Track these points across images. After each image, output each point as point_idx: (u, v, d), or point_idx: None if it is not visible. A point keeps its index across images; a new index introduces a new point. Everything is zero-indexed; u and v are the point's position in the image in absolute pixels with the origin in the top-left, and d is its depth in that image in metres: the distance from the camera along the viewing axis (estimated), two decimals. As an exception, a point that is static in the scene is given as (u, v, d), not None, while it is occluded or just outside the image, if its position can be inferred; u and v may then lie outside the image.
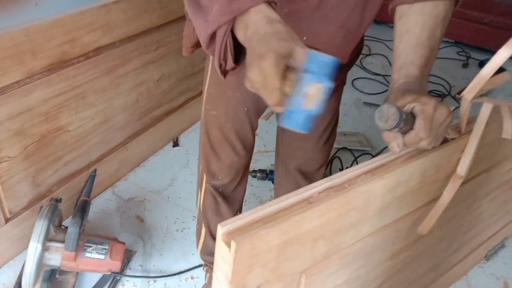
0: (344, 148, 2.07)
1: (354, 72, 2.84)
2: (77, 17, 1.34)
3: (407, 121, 0.67)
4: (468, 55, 3.19)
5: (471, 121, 0.85)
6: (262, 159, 1.98)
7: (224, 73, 0.81)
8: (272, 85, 0.58)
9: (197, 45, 1.03)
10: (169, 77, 1.80)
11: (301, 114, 0.57)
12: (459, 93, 2.76)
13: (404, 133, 0.69)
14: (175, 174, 1.82)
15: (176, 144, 1.98)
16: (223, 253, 0.56)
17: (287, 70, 0.60)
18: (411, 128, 0.69)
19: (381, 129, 0.68)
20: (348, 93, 2.61)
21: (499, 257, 1.59)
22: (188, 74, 1.90)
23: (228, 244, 0.55)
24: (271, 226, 0.57)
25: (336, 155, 2.02)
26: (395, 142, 0.70)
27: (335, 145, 2.08)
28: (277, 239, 0.60)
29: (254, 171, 1.86)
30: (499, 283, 1.50)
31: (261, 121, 1.21)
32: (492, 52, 2.66)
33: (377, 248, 0.84)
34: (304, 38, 0.90)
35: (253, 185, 1.84)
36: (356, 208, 0.70)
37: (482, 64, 3.06)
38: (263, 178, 1.85)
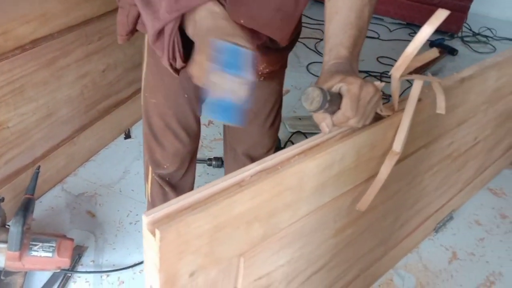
0: (298, 132, 2.09)
1: (308, 57, 2.86)
2: (9, 8, 1.28)
3: (334, 101, 0.68)
4: (419, 35, 3.27)
5: (405, 98, 0.87)
6: (217, 147, 1.97)
7: (176, 71, 0.79)
8: (203, 75, 0.59)
9: (132, 32, 1.01)
10: (115, 68, 1.75)
11: (225, 106, 0.57)
12: (410, 73, 2.84)
13: (332, 113, 0.70)
14: (127, 167, 1.79)
15: (128, 136, 1.94)
16: (149, 242, 0.56)
17: None
18: (339, 108, 0.69)
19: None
20: (303, 78, 2.63)
21: (448, 229, 1.66)
22: (136, 64, 1.85)
23: (153, 233, 0.54)
24: (199, 212, 0.57)
25: (290, 139, 2.04)
26: (324, 122, 0.71)
27: (290, 129, 2.10)
28: (207, 224, 0.59)
29: (209, 159, 1.85)
30: (448, 253, 1.57)
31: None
32: (443, 32, 2.80)
33: (318, 226, 0.85)
34: (242, 21, 0.89)
35: (209, 173, 1.83)
36: (290, 189, 0.70)
37: (432, 44, 3.14)
38: (218, 166, 1.84)
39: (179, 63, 0.75)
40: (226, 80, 0.57)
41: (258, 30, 0.91)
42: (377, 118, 0.82)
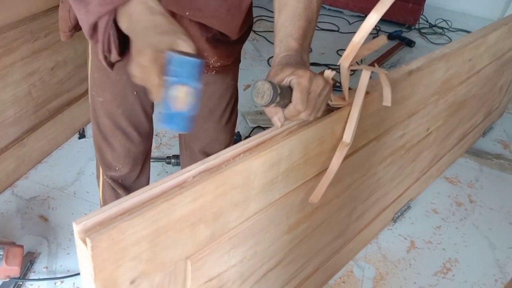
0: (258, 127, 2.07)
1: (270, 50, 2.85)
2: None
3: (285, 94, 0.67)
4: (378, 28, 3.32)
5: (355, 89, 0.86)
6: (176, 145, 1.92)
7: (111, 65, 0.76)
8: (153, 82, 0.59)
9: (76, 28, 0.96)
10: (65, 65, 1.68)
11: (176, 115, 0.57)
12: (370, 65, 2.87)
13: (284, 107, 0.69)
14: (82, 168, 1.73)
15: (82, 135, 1.87)
16: (82, 251, 0.53)
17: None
18: (290, 102, 0.68)
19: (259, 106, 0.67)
20: (264, 72, 2.61)
21: (406, 218, 1.69)
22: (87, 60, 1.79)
23: (84, 242, 0.51)
24: (133, 217, 0.54)
25: (251, 134, 2.02)
26: (276, 116, 0.70)
27: (251, 124, 2.08)
28: (145, 230, 0.57)
29: (168, 157, 1.82)
30: (407, 242, 1.60)
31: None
32: (400, 24, 2.84)
33: (270, 223, 0.84)
34: (187, 13, 0.87)
35: (168, 171, 1.79)
36: (236, 188, 0.69)
37: (390, 36, 3.19)
38: (177, 164, 1.81)
39: (114, 57, 0.72)
40: (180, 91, 0.57)
41: (205, 23, 0.88)
42: (329, 110, 0.82)
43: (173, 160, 1.80)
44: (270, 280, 0.99)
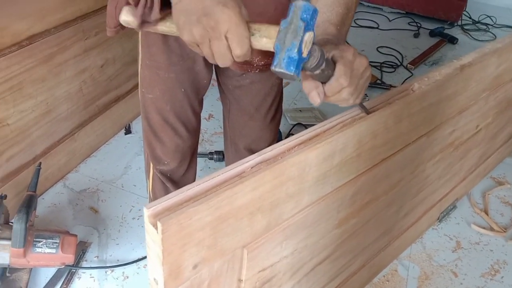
0: (299, 124, 2.08)
1: (308, 48, 2.84)
2: (4, 5, 1.26)
3: (328, 66, 0.64)
4: (419, 25, 3.25)
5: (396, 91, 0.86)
6: (218, 141, 1.96)
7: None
8: (242, 33, 0.59)
9: (122, 26, 0.99)
10: (114, 62, 1.74)
11: (298, 60, 0.58)
12: (411, 63, 2.81)
13: (324, 81, 0.65)
14: (129, 162, 1.78)
15: (128, 131, 1.93)
16: (151, 235, 0.55)
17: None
18: (332, 75, 0.65)
19: (300, 77, 0.63)
20: (302, 69, 2.61)
21: (451, 218, 1.65)
22: (134, 58, 1.81)
23: (155, 225, 0.54)
24: (200, 203, 0.56)
25: (291, 132, 2.03)
26: (316, 91, 0.65)
27: (290, 122, 2.09)
28: (209, 216, 0.59)
29: (210, 153, 1.85)
30: (452, 242, 1.56)
31: (216, 102, 1.19)
32: (442, 21, 2.77)
33: (321, 217, 0.85)
34: None
35: (210, 167, 1.82)
36: (291, 179, 0.70)
37: (432, 33, 3.12)
38: (220, 160, 1.84)
39: (155, 14, 0.72)
40: (308, 37, 0.58)
41: (253, 19, 0.89)
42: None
43: (215, 156, 1.83)
44: (319, 274, 1.00)
